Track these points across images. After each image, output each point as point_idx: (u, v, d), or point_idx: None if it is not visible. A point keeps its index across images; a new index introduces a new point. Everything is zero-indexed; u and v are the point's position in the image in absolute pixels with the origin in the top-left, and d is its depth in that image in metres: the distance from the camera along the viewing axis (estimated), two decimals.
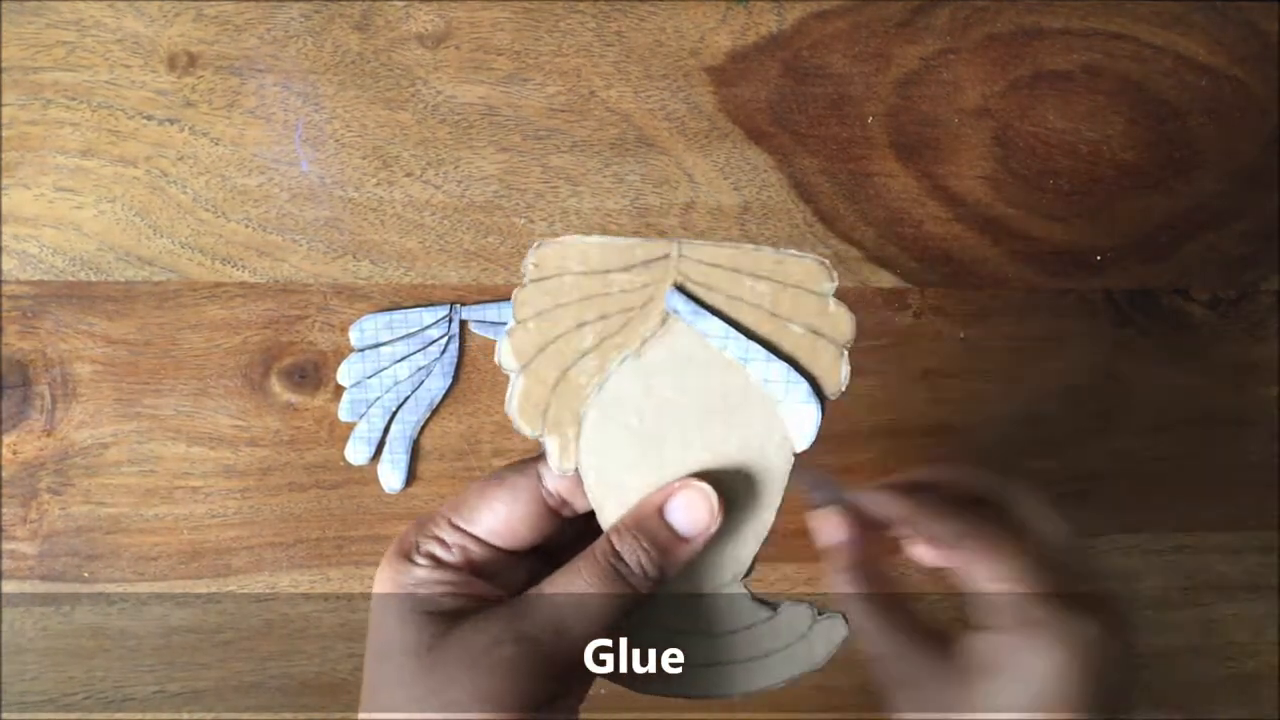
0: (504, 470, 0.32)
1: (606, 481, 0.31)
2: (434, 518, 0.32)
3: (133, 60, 0.44)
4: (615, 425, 0.30)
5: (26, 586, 0.45)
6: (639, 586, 0.30)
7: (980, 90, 0.46)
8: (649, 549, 0.30)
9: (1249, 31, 0.47)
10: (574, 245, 0.29)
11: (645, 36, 0.45)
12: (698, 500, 0.30)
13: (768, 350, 0.30)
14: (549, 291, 0.30)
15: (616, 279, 0.30)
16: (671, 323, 0.30)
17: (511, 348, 0.30)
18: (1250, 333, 0.48)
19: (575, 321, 0.30)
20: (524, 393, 0.30)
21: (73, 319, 0.45)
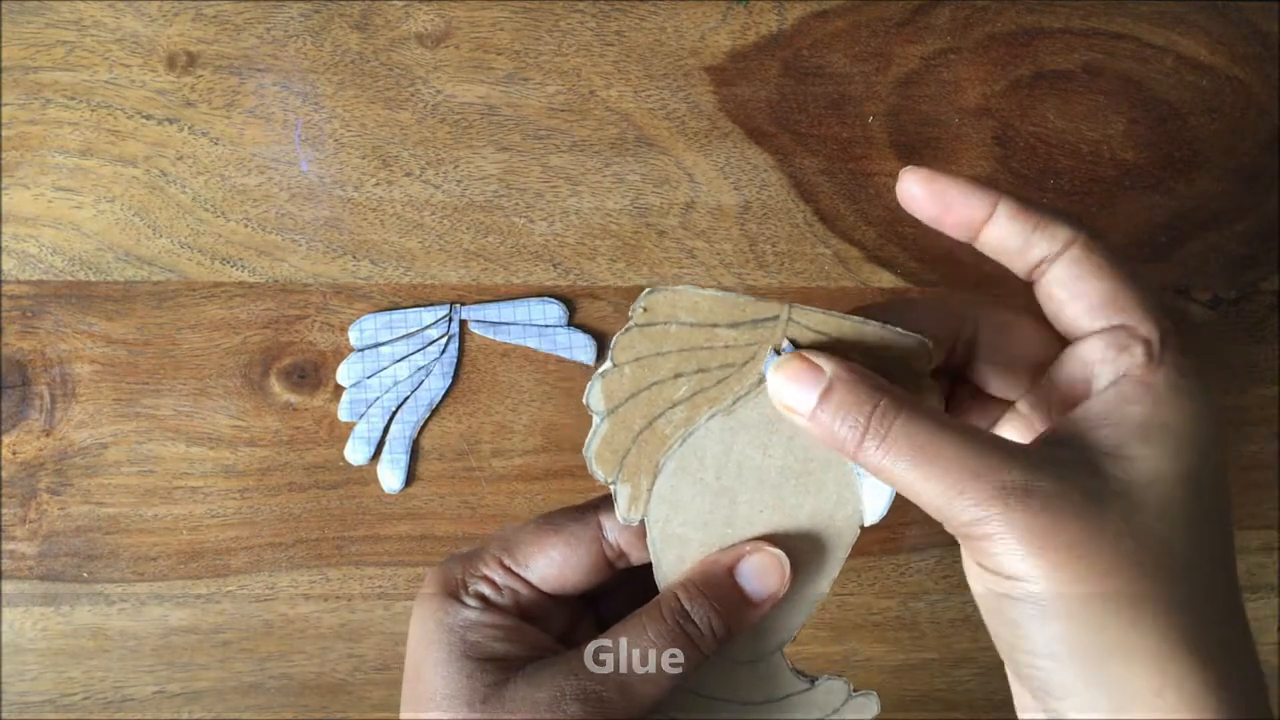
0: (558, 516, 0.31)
1: (670, 534, 0.30)
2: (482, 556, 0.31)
3: (132, 60, 0.44)
4: (691, 479, 0.30)
5: (26, 586, 0.45)
6: (705, 648, 0.29)
7: (980, 90, 0.46)
8: (719, 609, 0.29)
9: (1249, 31, 0.47)
10: (686, 294, 0.29)
11: (645, 36, 0.45)
12: (770, 564, 0.29)
13: None
14: (652, 338, 0.29)
15: (722, 334, 0.29)
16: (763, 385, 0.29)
17: (603, 390, 0.29)
18: (1250, 333, 0.48)
19: (673, 372, 0.29)
20: (606, 437, 0.30)
21: (72, 319, 0.45)
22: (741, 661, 0.31)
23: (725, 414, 0.29)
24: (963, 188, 0.30)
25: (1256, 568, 0.49)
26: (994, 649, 0.51)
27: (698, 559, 0.30)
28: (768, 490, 0.30)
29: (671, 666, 0.28)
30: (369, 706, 0.47)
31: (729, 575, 0.30)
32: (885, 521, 0.47)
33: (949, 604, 0.48)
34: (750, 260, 0.46)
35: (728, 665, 0.31)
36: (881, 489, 0.30)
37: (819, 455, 0.30)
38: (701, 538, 0.30)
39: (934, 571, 0.48)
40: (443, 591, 0.30)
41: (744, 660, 0.31)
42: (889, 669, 0.48)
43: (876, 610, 0.48)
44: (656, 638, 0.29)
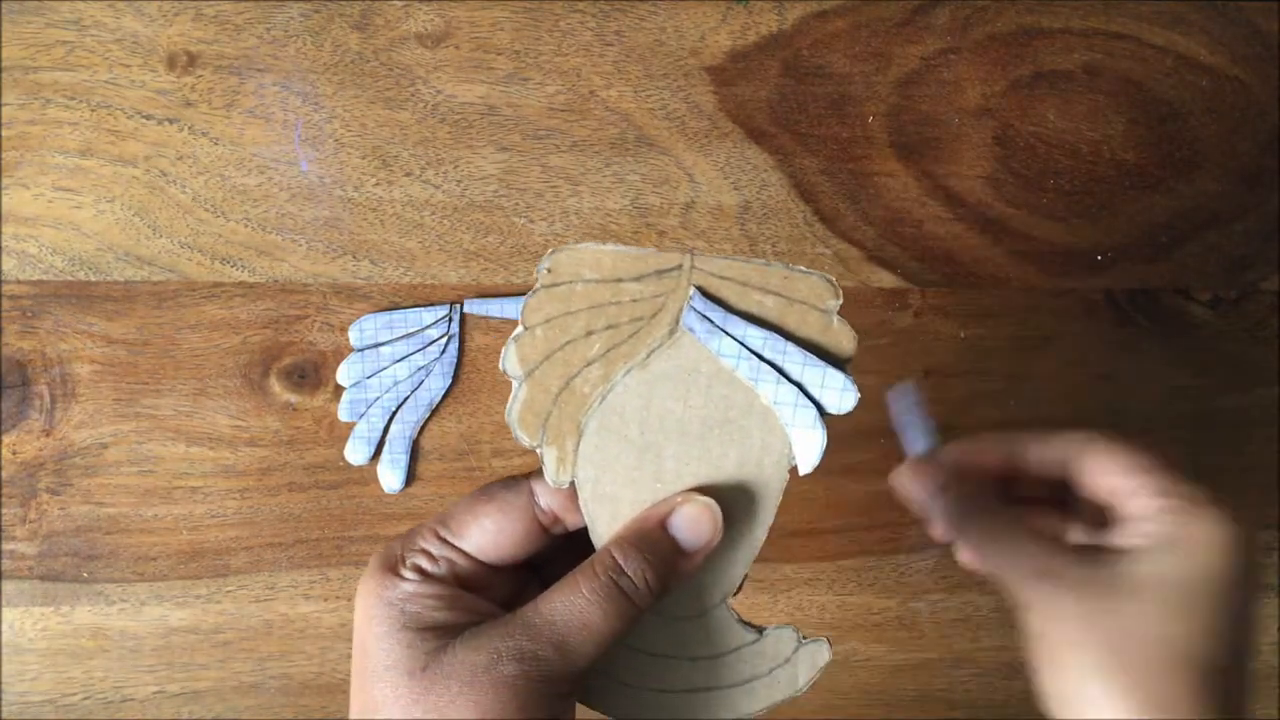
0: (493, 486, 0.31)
1: (601, 494, 0.30)
2: (420, 530, 0.31)
3: (132, 60, 0.44)
4: (615, 437, 0.30)
5: (26, 586, 0.45)
6: (640, 601, 0.29)
7: (980, 90, 0.46)
8: (652, 562, 0.29)
9: (1249, 31, 0.47)
10: (588, 251, 0.29)
11: (645, 36, 0.45)
12: (701, 514, 0.30)
13: (778, 372, 0.29)
14: (560, 298, 0.29)
15: (628, 288, 0.29)
16: (679, 335, 0.29)
17: (518, 354, 0.29)
18: (1250, 333, 0.48)
19: (584, 330, 0.29)
20: (526, 401, 0.29)
21: (72, 319, 0.44)
22: (686, 617, 0.31)
23: (640, 368, 0.29)
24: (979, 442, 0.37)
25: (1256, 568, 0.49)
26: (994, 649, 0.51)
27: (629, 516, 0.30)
28: (692, 441, 0.30)
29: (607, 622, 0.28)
30: None
31: (661, 528, 0.30)
32: (885, 521, 0.47)
33: (949, 604, 0.48)
34: None
35: (673, 621, 0.31)
36: (814, 436, 0.30)
37: (739, 402, 0.30)
38: (632, 495, 0.30)
39: (934, 571, 0.48)
40: (383, 568, 0.30)
41: (689, 615, 0.31)
42: (889, 669, 0.48)
43: (876, 610, 0.48)
44: (590, 594, 0.29)
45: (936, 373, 0.47)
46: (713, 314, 0.29)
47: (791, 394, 0.29)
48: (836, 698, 0.49)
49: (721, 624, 0.31)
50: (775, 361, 0.29)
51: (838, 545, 0.47)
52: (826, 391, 0.29)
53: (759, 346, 0.29)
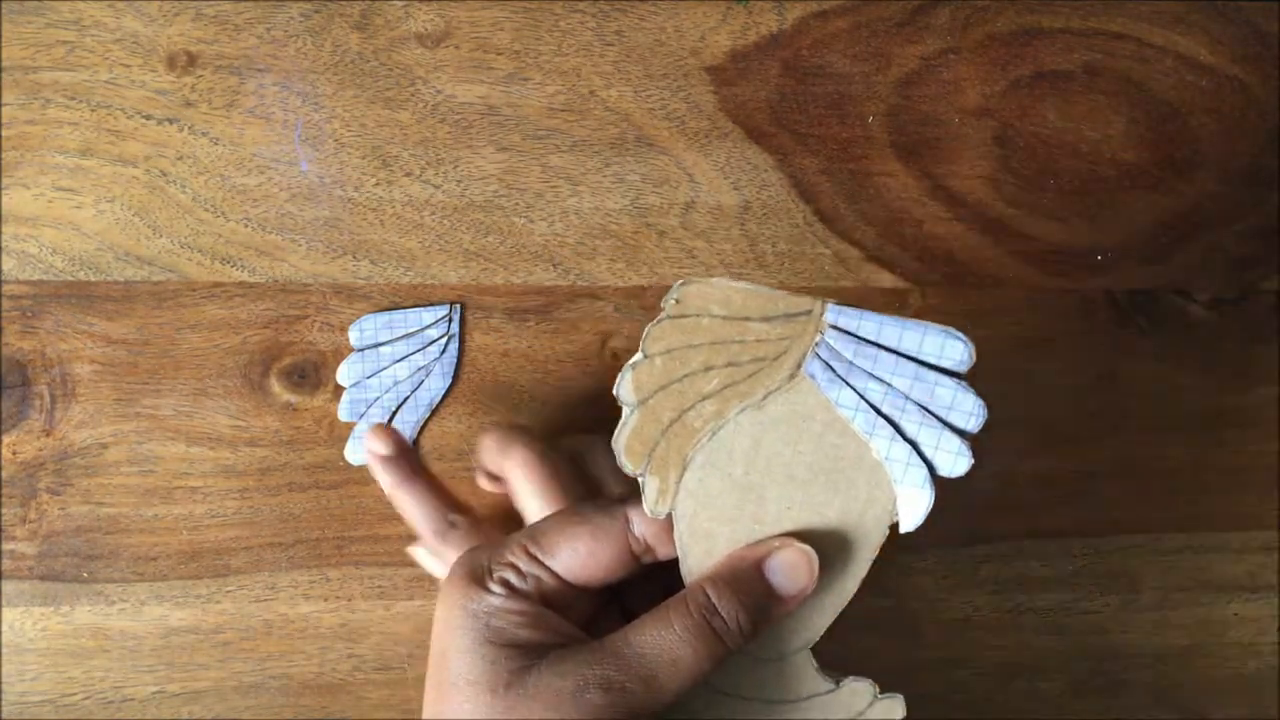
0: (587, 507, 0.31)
1: (698, 529, 0.30)
2: (509, 544, 0.31)
3: (132, 60, 0.44)
4: (719, 474, 0.30)
5: (26, 586, 0.45)
6: (731, 642, 0.29)
7: (980, 90, 0.46)
8: (746, 604, 0.29)
9: (1249, 31, 0.47)
10: (720, 287, 0.29)
11: (645, 36, 0.45)
12: (800, 560, 0.29)
13: (894, 428, 0.29)
14: (684, 330, 0.29)
15: (754, 328, 0.29)
16: (799, 380, 0.29)
17: (633, 381, 0.29)
18: (1250, 333, 0.48)
19: (704, 365, 0.29)
20: (635, 429, 0.29)
21: (72, 319, 0.44)
22: (766, 659, 0.31)
23: (755, 409, 0.29)
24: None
25: (1257, 568, 0.49)
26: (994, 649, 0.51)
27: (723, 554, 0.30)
28: (796, 487, 0.30)
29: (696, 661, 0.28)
30: (369, 706, 0.47)
31: (757, 570, 0.29)
32: None
33: (949, 604, 0.48)
34: (750, 260, 0.46)
35: (752, 663, 0.31)
36: (922, 496, 0.29)
37: (850, 453, 0.29)
38: (729, 533, 0.30)
39: (934, 571, 0.48)
40: (468, 578, 0.30)
41: (768, 658, 0.31)
42: (889, 669, 0.48)
43: (876, 610, 0.48)
44: (683, 631, 0.28)
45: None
46: (836, 363, 0.29)
47: (904, 452, 0.29)
48: None
49: (800, 670, 0.31)
50: (892, 417, 0.29)
51: None
52: (940, 453, 0.29)
53: (878, 400, 0.29)
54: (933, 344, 0.29)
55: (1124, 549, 0.49)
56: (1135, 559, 0.49)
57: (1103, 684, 0.49)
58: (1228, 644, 0.50)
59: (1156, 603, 0.50)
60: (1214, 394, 0.49)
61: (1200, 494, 0.49)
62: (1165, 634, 0.50)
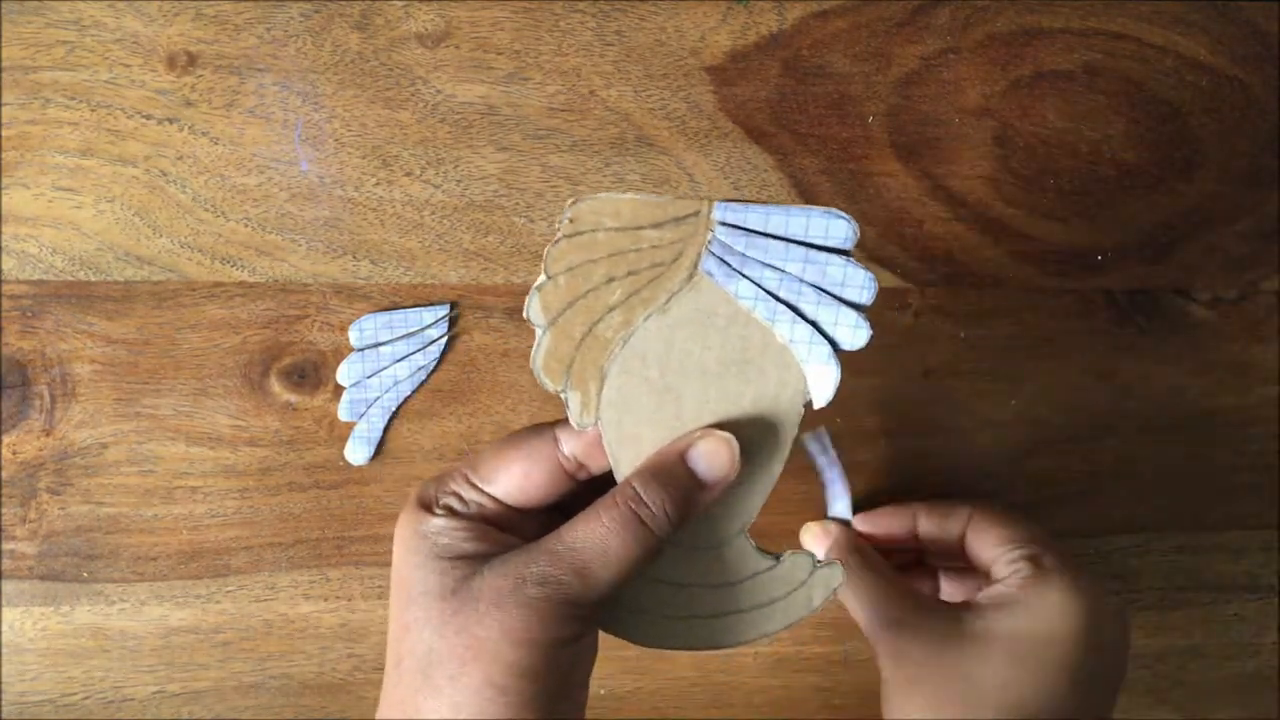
0: (520, 432, 0.33)
1: (624, 434, 0.31)
2: (451, 474, 0.33)
3: (132, 60, 0.44)
4: (636, 379, 0.31)
5: (26, 586, 0.45)
6: (659, 530, 0.30)
7: (980, 90, 0.46)
8: (671, 493, 0.31)
9: (1249, 31, 0.47)
10: (608, 200, 0.30)
11: (645, 36, 0.45)
12: (720, 448, 0.31)
13: (794, 312, 0.30)
14: (582, 247, 0.30)
15: (648, 235, 0.30)
16: (698, 279, 0.30)
17: (541, 303, 0.30)
18: (1250, 333, 0.48)
19: (605, 277, 0.30)
20: (550, 348, 0.31)
21: (72, 319, 0.44)
22: (706, 547, 0.32)
23: (660, 313, 0.30)
24: (886, 513, 0.44)
25: (1257, 568, 0.49)
26: None
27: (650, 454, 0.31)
28: (710, 381, 0.31)
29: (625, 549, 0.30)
30: (369, 706, 0.47)
31: (680, 460, 0.31)
32: None
33: None
34: None
35: (693, 551, 0.32)
36: (829, 372, 0.31)
37: (756, 342, 0.31)
38: (653, 435, 0.31)
39: None
40: (418, 505, 0.32)
41: (708, 546, 0.32)
42: None
43: None
44: (610, 523, 0.30)
45: (936, 373, 0.47)
46: (730, 258, 0.30)
47: (806, 332, 0.30)
48: (836, 698, 0.49)
49: (740, 553, 0.32)
50: (791, 301, 0.30)
51: None
52: (840, 329, 0.30)
53: (775, 287, 0.30)
54: (817, 226, 0.30)
55: (1124, 549, 0.49)
56: (1135, 559, 0.49)
57: None
58: (1228, 644, 0.50)
59: (1156, 603, 0.50)
60: (1214, 394, 0.49)
61: (1200, 494, 0.49)
62: (1165, 634, 0.50)
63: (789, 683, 0.49)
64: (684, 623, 0.32)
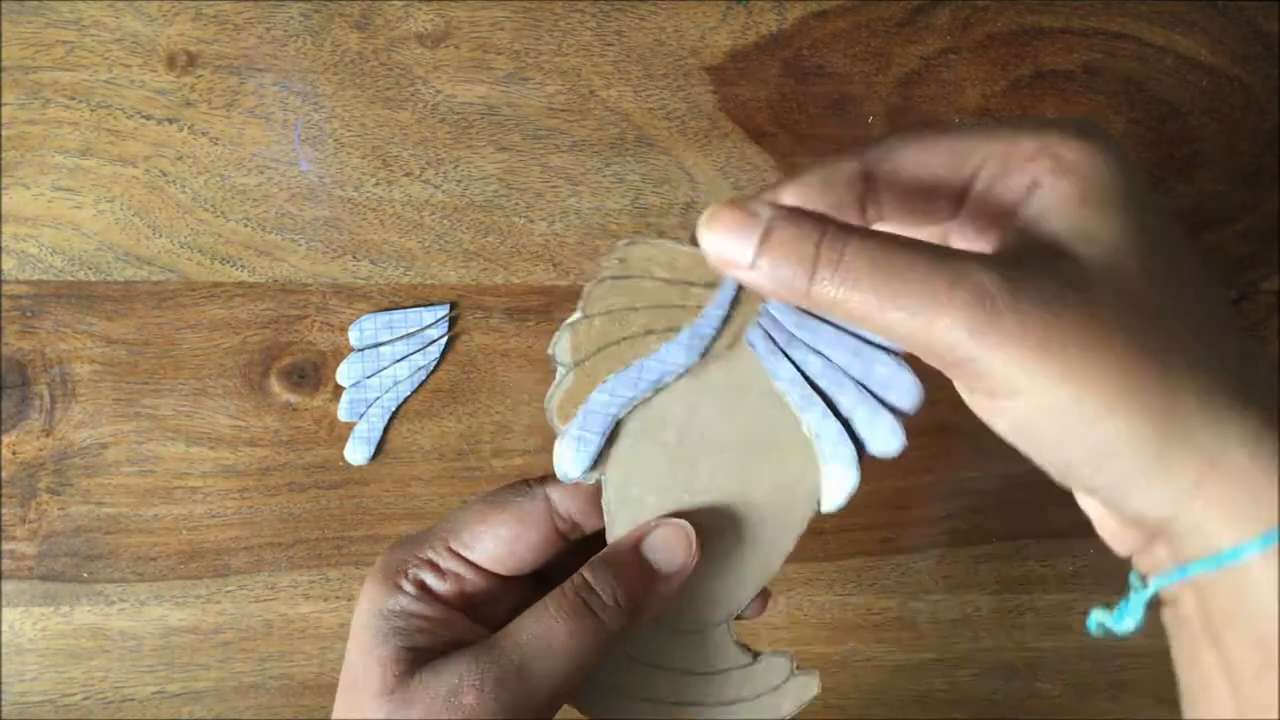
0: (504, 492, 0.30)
1: (626, 496, 0.29)
2: (429, 539, 0.30)
3: (132, 60, 0.44)
4: (651, 441, 0.29)
5: (26, 586, 0.45)
6: (611, 622, 0.28)
7: (980, 90, 0.46)
8: (624, 581, 0.28)
9: (1249, 31, 0.47)
10: (664, 249, 0.28)
11: (645, 36, 0.45)
12: (675, 536, 0.29)
13: (827, 405, 0.28)
14: (626, 291, 0.28)
15: (697, 293, 0.28)
16: (739, 348, 0.28)
17: (571, 341, 0.28)
18: (1250, 333, 0.48)
19: (644, 328, 0.28)
20: (569, 390, 0.29)
21: (72, 319, 0.44)
22: (688, 631, 0.30)
23: (693, 375, 0.29)
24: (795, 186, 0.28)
25: None
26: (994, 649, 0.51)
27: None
28: (729, 458, 0.29)
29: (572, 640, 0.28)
30: None
31: (634, 550, 0.29)
32: (885, 521, 0.47)
33: (949, 604, 0.48)
34: None
35: (673, 635, 0.30)
36: (846, 476, 0.29)
37: (785, 426, 0.29)
38: (657, 502, 0.29)
39: (934, 571, 0.48)
40: (385, 576, 0.30)
41: (690, 630, 0.30)
42: (889, 669, 0.48)
43: (876, 610, 0.48)
44: (557, 612, 0.28)
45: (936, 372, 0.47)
46: (777, 334, 0.28)
47: (834, 430, 0.29)
48: (836, 697, 0.49)
49: (719, 643, 0.31)
50: (828, 393, 0.28)
51: (838, 545, 0.47)
52: (876, 430, 0.29)
53: (815, 374, 0.28)
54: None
55: None
56: None
57: (1103, 684, 0.49)
58: None
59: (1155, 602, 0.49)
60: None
61: None
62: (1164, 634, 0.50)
63: None
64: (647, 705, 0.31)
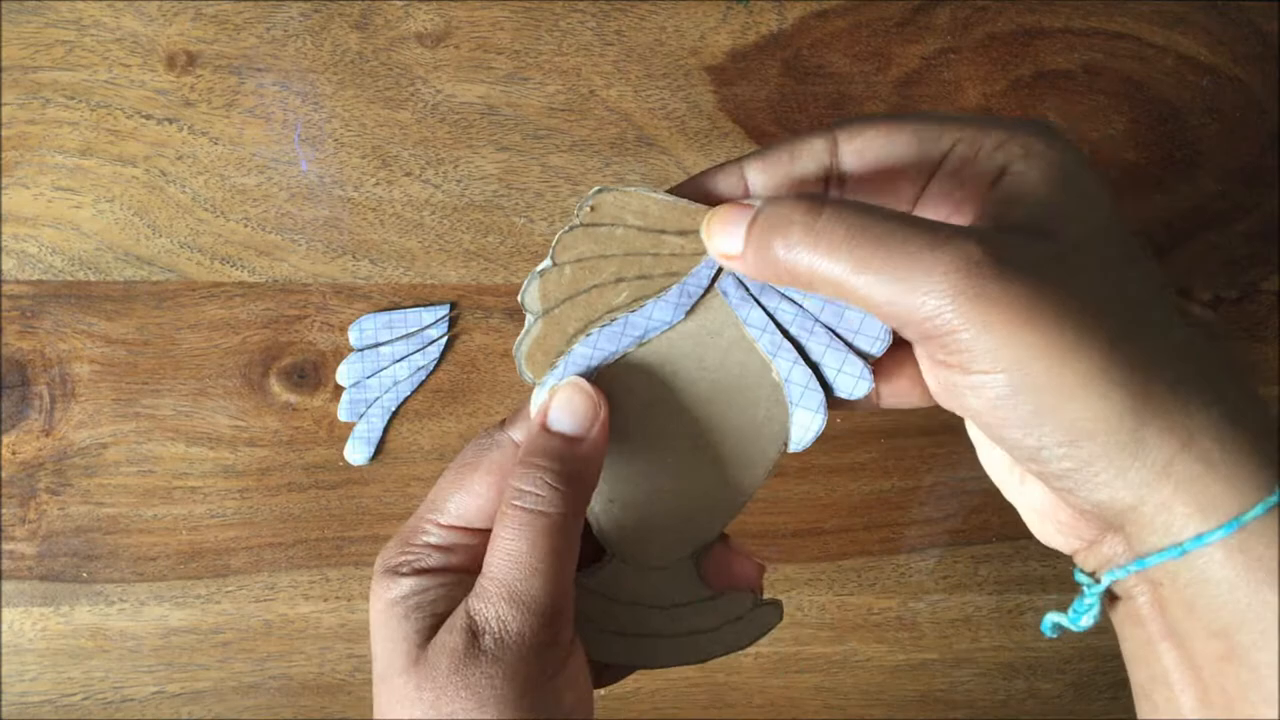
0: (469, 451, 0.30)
1: None
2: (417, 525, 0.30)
3: (132, 59, 0.44)
4: (622, 386, 0.29)
5: (26, 586, 0.45)
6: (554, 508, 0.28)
7: (981, 90, 0.46)
8: (543, 464, 0.28)
9: (1249, 31, 0.47)
10: (637, 197, 0.28)
11: (645, 36, 0.45)
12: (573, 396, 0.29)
13: (797, 351, 0.29)
14: (597, 239, 0.28)
15: (669, 240, 0.28)
16: (710, 295, 0.29)
17: (540, 289, 0.29)
18: (1250, 333, 0.48)
19: (614, 276, 0.29)
20: (538, 338, 0.29)
21: (72, 319, 0.44)
22: (655, 567, 0.31)
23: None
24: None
25: None
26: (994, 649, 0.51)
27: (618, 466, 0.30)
28: (699, 403, 0.30)
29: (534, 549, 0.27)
30: (368, 707, 0.47)
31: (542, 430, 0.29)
32: (885, 521, 0.47)
33: (949, 604, 0.48)
34: None
35: (642, 570, 0.31)
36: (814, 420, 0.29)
37: (755, 372, 0.29)
38: (627, 446, 0.30)
39: (934, 571, 0.48)
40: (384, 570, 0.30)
41: (657, 566, 0.31)
42: (889, 669, 0.48)
43: (876, 610, 0.48)
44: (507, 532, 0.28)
45: None
46: (750, 282, 0.29)
47: (804, 375, 0.29)
48: (836, 697, 0.49)
49: (684, 578, 0.31)
50: (799, 339, 0.29)
51: (838, 545, 0.47)
52: (843, 376, 0.29)
53: (788, 321, 0.29)
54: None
55: None
56: None
57: (1103, 684, 0.49)
58: None
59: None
60: None
61: None
62: None
63: (789, 683, 0.49)
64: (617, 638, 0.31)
